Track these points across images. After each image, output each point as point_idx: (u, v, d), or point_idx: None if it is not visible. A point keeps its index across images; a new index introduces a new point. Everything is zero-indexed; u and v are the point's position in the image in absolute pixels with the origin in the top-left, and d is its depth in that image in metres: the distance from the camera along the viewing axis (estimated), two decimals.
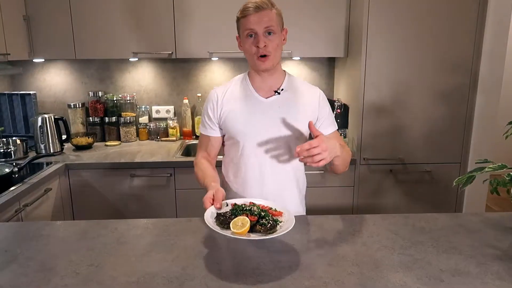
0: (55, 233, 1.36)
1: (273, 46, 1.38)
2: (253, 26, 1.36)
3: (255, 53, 1.38)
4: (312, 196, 2.40)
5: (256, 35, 1.37)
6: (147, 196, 2.37)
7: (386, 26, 2.22)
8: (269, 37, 1.37)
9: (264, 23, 1.35)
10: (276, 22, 1.38)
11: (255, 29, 1.36)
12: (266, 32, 1.36)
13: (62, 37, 2.44)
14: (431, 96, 2.32)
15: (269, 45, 1.37)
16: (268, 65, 1.40)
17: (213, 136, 1.54)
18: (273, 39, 1.38)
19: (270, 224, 1.18)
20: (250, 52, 1.39)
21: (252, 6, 1.36)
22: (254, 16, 1.35)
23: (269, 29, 1.36)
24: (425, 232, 1.36)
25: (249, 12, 1.36)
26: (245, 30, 1.38)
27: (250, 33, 1.37)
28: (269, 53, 1.38)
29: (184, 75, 2.89)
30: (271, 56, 1.39)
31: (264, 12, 1.36)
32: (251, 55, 1.40)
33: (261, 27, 1.35)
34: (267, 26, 1.36)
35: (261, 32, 1.36)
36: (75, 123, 2.82)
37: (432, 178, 2.42)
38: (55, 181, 2.19)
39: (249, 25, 1.36)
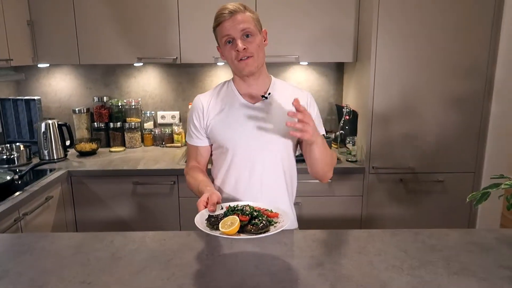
0: (49, 246, 1.32)
1: (254, 47, 1.33)
2: (229, 31, 1.31)
3: (235, 57, 1.33)
4: (319, 205, 2.35)
5: (233, 40, 1.32)
6: (150, 204, 2.33)
7: (396, 30, 2.15)
8: (247, 39, 1.32)
9: (240, 26, 1.31)
10: (252, 23, 1.34)
11: (231, 34, 1.31)
12: (243, 35, 1.32)
13: (66, 42, 2.42)
14: (443, 103, 2.23)
15: (249, 46, 1.32)
16: (252, 66, 1.35)
17: (201, 145, 1.49)
18: (252, 40, 1.33)
19: (263, 224, 1.13)
20: (231, 57, 1.35)
21: (225, 11, 1.32)
22: (228, 22, 1.31)
23: (246, 31, 1.32)
24: (436, 251, 1.28)
25: (223, 18, 1.32)
26: (222, 37, 1.34)
27: (228, 39, 1.33)
28: (251, 54, 1.33)
29: (190, 80, 2.85)
30: (254, 57, 1.34)
31: (238, 15, 1.31)
32: (232, 61, 1.35)
33: (237, 31, 1.31)
34: (243, 29, 1.31)
35: (238, 36, 1.31)
36: (80, 129, 2.79)
37: (445, 188, 2.33)
38: (57, 189, 2.16)
39: (225, 31, 1.32)
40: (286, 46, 2.42)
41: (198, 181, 1.40)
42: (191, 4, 2.38)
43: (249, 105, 1.43)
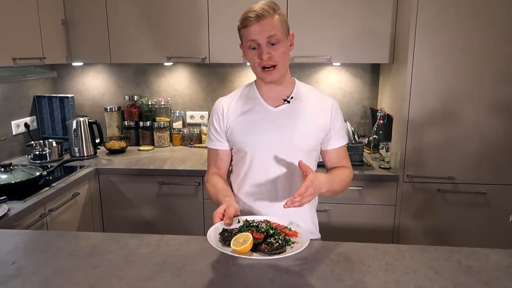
0: (66, 246, 1.31)
1: (279, 55, 1.26)
2: (255, 37, 1.24)
3: (258, 64, 1.27)
4: (349, 213, 2.24)
5: (259, 46, 1.25)
6: (175, 205, 2.31)
7: (436, 30, 2.00)
8: (273, 47, 1.25)
9: (267, 33, 1.23)
10: (280, 29, 1.26)
11: (257, 40, 1.24)
12: (269, 42, 1.24)
13: (98, 41, 2.45)
14: (487, 108, 2.05)
15: (274, 55, 1.25)
16: (275, 76, 1.29)
17: (221, 149, 1.43)
18: (278, 48, 1.26)
19: (278, 244, 1.04)
20: (254, 63, 1.29)
21: (252, 15, 1.24)
22: (255, 26, 1.24)
23: (272, 39, 1.24)
24: (473, 273, 1.15)
25: (250, 22, 1.24)
26: (247, 41, 1.27)
27: (253, 45, 1.26)
28: (275, 62, 1.27)
29: (219, 80, 2.81)
30: (278, 65, 1.27)
31: (266, 20, 1.23)
32: (255, 67, 1.29)
33: (263, 38, 1.24)
34: (270, 36, 1.24)
35: (264, 43, 1.24)
36: (110, 127, 2.83)
37: (487, 201, 2.15)
38: (84, 186, 2.18)
39: (251, 36, 1.25)
40: (318, 46, 2.33)
41: (217, 189, 1.34)
42: (220, 3, 2.34)
43: (270, 109, 1.36)
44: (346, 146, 1.44)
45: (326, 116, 1.37)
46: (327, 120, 1.37)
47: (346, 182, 1.41)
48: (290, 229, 1.15)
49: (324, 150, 1.41)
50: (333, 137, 1.39)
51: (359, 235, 2.24)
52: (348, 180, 1.41)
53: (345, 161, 1.43)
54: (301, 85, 1.41)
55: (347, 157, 1.45)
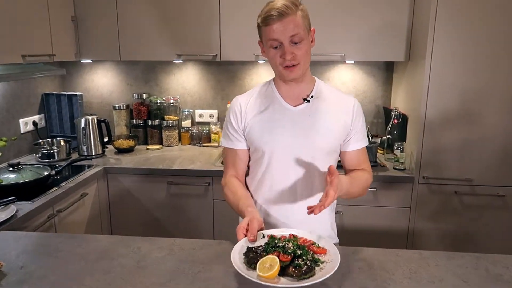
0: (76, 249, 1.27)
1: (302, 54, 1.21)
2: (277, 36, 1.18)
3: (280, 63, 1.22)
4: (362, 215, 2.18)
5: (281, 45, 1.20)
6: (184, 205, 2.27)
7: (455, 27, 1.93)
8: (296, 45, 1.20)
9: (290, 32, 1.18)
10: (303, 26, 1.20)
11: (279, 39, 1.19)
12: (292, 41, 1.19)
13: (107, 38, 2.41)
14: (507, 108, 1.98)
15: (297, 54, 1.20)
16: (297, 74, 1.24)
17: (240, 148, 1.38)
18: (301, 47, 1.21)
19: (307, 266, 0.98)
20: (275, 62, 1.23)
21: (274, 13, 1.17)
22: (277, 25, 1.18)
23: (295, 38, 1.19)
24: (503, 282, 1.09)
25: (272, 20, 1.18)
26: (268, 40, 1.21)
27: (274, 44, 1.20)
28: (298, 61, 1.21)
29: (229, 78, 2.76)
30: (300, 64, 1.22)
31: (289, 18, 1.18)
32: (276, 66, 1.24)
33: (286, 37, 1.18)
34: (293, 35, 1.18)
35: (287, 42, 1.19)
36: (119, 125, 2.79)
37: (506, 204, 2.08)
38: (92, 186, 2.14)
39: (273, 35, 1.19)
40: (332, 43, 2.27)
41: (238, 196, 1.30)
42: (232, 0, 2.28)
43: (289, 108, 1.31)
44: (365, 148, 1.39)
45: (347, 116, 1.31)
46: (348, 120, 1.31)
47: (365, 186, 1.35)
48: (318, 246, 1.09)
49: (344, 152, 1.36)
50: (353, 138, 1.33)
51: (373, 238, 2.19)
52: (366, 184, 1.36)
53: (365, 164, 1.38)
54: (322, 84, 1.36)
55: (367, 159, 1.39)
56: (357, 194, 1.33)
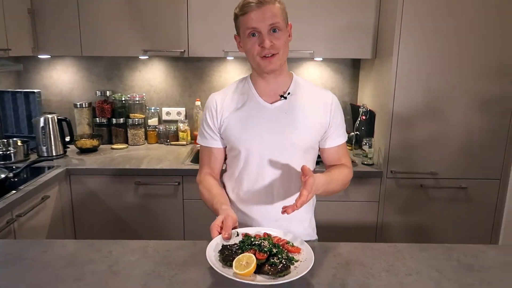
0: (41, 256, 1.18)
1: (280, 44, 1.20)
2: (256, 24, 1.17)
3: (258, 53, 1.20)
4: (332, 210, 2.20)
5: (259, 34, 1.18)
6: (153, 206, 2.20)
7: (421, 26, 1.99)
8: (274, 34, 1.19)
9: (269, 19, 1.17)
10: (281, 17, 1.20)
11: (258, 27, 1.17)
12: (271, 29, 1.18)
13: (68, 32, 2.28)
14: (470, 105, 2.07)
15: (276, 43, 1.19)
16: (276, 64, 1.22)
17: (215, 147, 1.35)
18: (280, 36, 1.20)
19: (282, 264, 0.98)
20: (253, 52, 1.21)
21: (253, 1, 1.17)
22: (256, 13, 1.17)
23: (274, 26, 1.18)
24: (474, 271, 1.13)
25: (251, 8, 1.17)
26: (246, 29, 1.19)
27: (253, 32, 1.18)
28: (277, 50, 1.19)
29: (197, 75, 2.71)
30: (279, 54, 1.20)
31: (267, 7, 1.17)
32: (254, 56, 1.21)
33: (265, 25, 1.17)
34: (272, 23, 1.18)
35: (265, 30, 1.17)
36: (81, 124, 2.66)
37: (468, 195, 2.17)
38: (54, 188, 2.02)
39: (251, 23, 1.17)
40: (301, 40, 2.27)
41: (212, 194, 1.27)
42: None
43: (266, 105, 1.29)
44: (345, 143, 1.39)
45: (325, 112, 1.30)
46: (326, 117, 1.30)
47: (345, 182, 1.35)
48: (292, 245, 1.08)
49: (323, 148, 1.35)
50: (332, 134, 1.33)
51: (344, 233, 2.22)
52: (346, 179, 1.36)
53: (345, 159, 1.38)
54: (299, 79, 1.34)
55: (347, 154, 1.40)
56: (338, 190, 1.33)
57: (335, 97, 1.34)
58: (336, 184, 1.29)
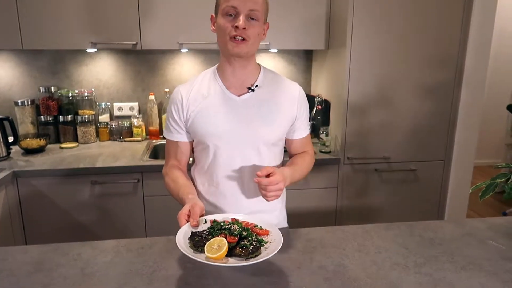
0: (1, 264, 1.10)
1: (253, 33, 1.19)
2: (237, 4, 1.16)
3: (229, 32, 1.18)
4: (294, 198, 2.25)
5: (237, 15, 1.17)
6: (112, 205, 2.11)
7: (371, 16, 2.08)
8: (251, 21, 1.18)
9: (250, 4, 1.16)
10: (262, 9, 1.20)
11: (238, 7, 1.16)
12: (249, 15, 1.17)
13: (5, 23, 2.10)
14: (416, 92, 2.21)
15: (249, 29, 1.17)
16: (242, 50, 1.20)
17: (181, 141, 1.33)
18: (255, 25, 1.19)
19: (253, 246, 1.00)
20: (224, 30, 1.18)
21: None
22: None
23: (253, 14, 1.18)
24: (436, 245, 1.23)
25: None
26: (226, 6, 1.17)
27: (231, 11, 1.17)
28: (248, 37, 1.18)
29: (150, 68, 2.62)
30: (249, 42, 1.19)
31: None
32: (225, 35, 1.19)
33: (246, 8, 1.16)
34: (252, 9, 1.17)
35: (244, 12, 1.16)
36: (23, 123, 2.47)
37: (417, 177, 2.33)
38: (0, 192, 1.87)
39: (232, 2, 1.16)
40: None
41: (179, 185, 1.24)
42: None
43: (233, 98, 1.28)
44: (309, 134, 1.43)
45: (292, 105, 1.32)
46: (293, 110, 1.32)
47: (308, 168, 1.40)
48: (260, 228, 1.10)
49: (290, 140, 1.38)
50: (299, 127, 1.36)
51: (305, 218, 2.28)
52: (310, 166, 1.41)
53: (308, 147, 1.42)
54: (267, 72, 1.34)
55: (310, 142, 1.44)
56: (302, 177, 1.37)
57: (301, 90, 1.36)
58: (300, 172, 1.33)
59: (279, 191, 1.15)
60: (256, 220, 1.14)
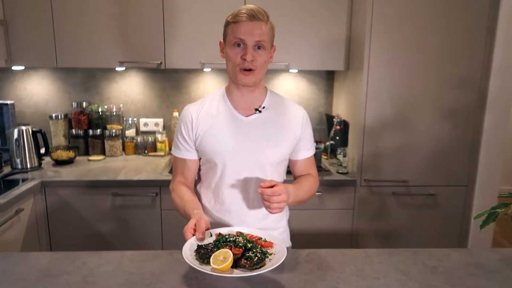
0: (13, 268, 1.18)
1: (260, 62, 1.25)
2: (244, 36, 1.22)
3: (238, 64, 1.24)
4: (308, 218, 2.25)
5: (245, 46, 1.23)
6: (131, 217, 2.19)
7: (389, 39, 2.08)
8: (258, 51, 1.24)
9: (256, 36, 1.22)
10: (268, 37, 1.26)
11: (245, 39, 1.22)
12: (255, 45, 1.23)
13: (42, 43, 2.28)
14: (436, 114, 2.17)
15: (257, 59, 1.24)
16: (251, 80, 1.27)
17: (189, 158, 1.38)
18: (262, 54, 1.25)
19: (258, 257, 1.03)
20: (234, 61, 1.25)
21: (247, 13, 1.22)
22: (246, 25, 1.21)
23: (259, 43, 1.23)
24: (438, 273, 1.19)
25: (242, 19, 1.22)
26: (233, 38, 1.23)
27: (239, 42, 1.23)
28: (255, 67, 1.24)
29: (175, 86, 2.73)
30: (256, 71, 1.25)
31: (259, 23, 1.22)
32: (234, 66, 1.25)
33: (252, 39, 1.22)
34: (258, 40, 1.23)
35: (251, 44, 1.22)
36: (57, 136, 2.64)
37: (437, 202, 2.26)
38: (28, 201, 2.00)
39: (239, 34, 1.22)
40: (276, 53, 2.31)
41: (185, 201, 1.29)
42: (176, 6, 2.27)
43: (241, 118, 1.33)
44: (313, 156, 1.45)
45: (297, 127, 1.36)
46: (297, 131, 1.37)
47: (312, 191, 1.42)
48: (265, 240, 1.13)
49: (294, 160, 1.41)
50: (302, 147, 1.39)
51: (320, 240, 2.26)
52: (314, 189, 1.42)
53: (312, 169, 1.44)
54: (273, 94, 1.40)
55: (314, 165, 1.46)
56: (306, 198, 1.38)
57: (305, 112, 1.41)
58: (304, 192, 1.35)
59: (282, 202, 1.18)
60: (260, 233, 1.17)
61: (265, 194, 1.16)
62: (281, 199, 1.17)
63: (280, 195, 1.17)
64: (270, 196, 1.16)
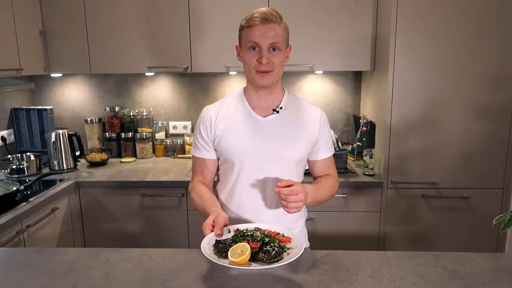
0: (43, 263, 1.26)
1: (277, 62, 1.27)
2: (258, 39, 1.24)
3: (254, 66, 1.27)
4: (335, 221, 2.23)
5: (259, 49, 1.25)
6: (158, 217, 2.26)
7: (415, 38, 2.02)
8: (273, 53, 1.26)
9: (270, 38, 1.24)
10: (282, 38, 1.27)
11: (259, 43, 1.24)
12: (270, 47, 1.25)
13: (77, 51, 2.41)
14: (467, 114, 2.08)
15: (273, 61, 1.26)
16: (268, 81, 1.29)
17: (208, 158, 1.41)
18: (277, 55, 1.26)
19: (275, 251, 1.04)
20: (250, 64, 1.28)
21: (259, 17, 1.24)
22: (260, 28, 1.23)
23: (274, 45, 1.25)
24: (459, 278, 1.15)
25: (256, 23, 1.24)
26: (248, 42, 1.26)
27: (253, 46, 1.25)
28: (272, 68, 1.26)
29: (202, 89, 2.79)
30: (273, 72, 1.27)
31: (272, 25, 1.24)
32: (250, 68, 1.28)
33: (266, 42, 1.24)
34: (272, 42, 1.25)
35: (265, 47, 1.24)
36: (91, 139, 2.77)
37: (471, 205, 2.17)
38: (63, 200, 2.11)
39: (253, 38, 1.24)
40: (300, 54, 2.33)
41: (204, 199, 1.32)
42: (202, 12, 2.32)
43: (259, 119, 1.35)
44: (332, 157, 1.44)
45: (315, 127, 1.37)
46: (316, 131, 1.37)
47: (332, 191, 1.41)
48: (283, 235, 1.14)
49: (312, 161, 1.42)
50: (321, 148, 1.40)
51: (345, 243, 2.23)
52: (333, 189, 1.41)
53: (331, 170, 1.43)
54: (290, 95, 1.41)
55: (334, 166, 1.45)
56: (326, 199, 1.38)
57: (323, 112, 1.41)
58: (324, 193, 1.34)
59: (300, 202, 1.18)
60: (278, 228, 1.19)
61: (281, 193, 1.17)
62: (298, 199, 1.17)
63: (297, 194, 1.17)
64: (286, 196, 1.17)
